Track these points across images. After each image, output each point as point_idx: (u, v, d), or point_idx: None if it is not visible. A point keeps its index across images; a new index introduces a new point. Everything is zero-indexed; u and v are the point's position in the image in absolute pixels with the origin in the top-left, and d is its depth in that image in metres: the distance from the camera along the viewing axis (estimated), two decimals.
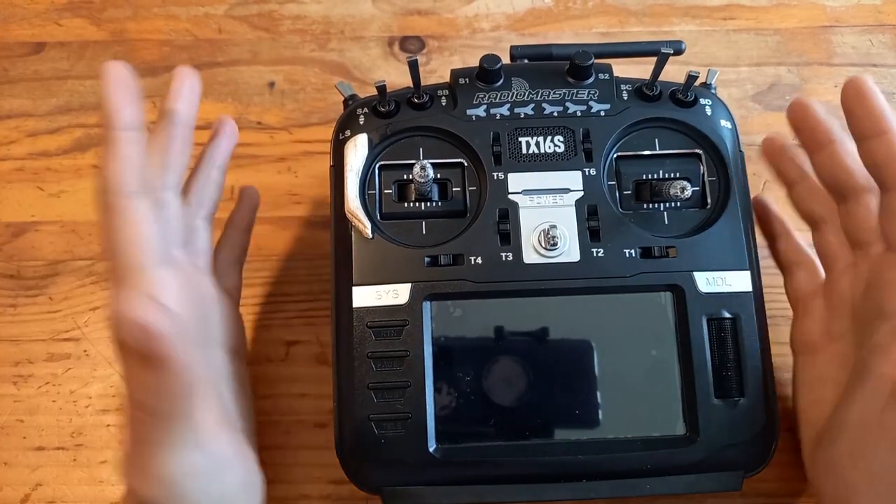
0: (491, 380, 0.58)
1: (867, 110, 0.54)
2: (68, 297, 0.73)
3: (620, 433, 0.58)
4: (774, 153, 0.65)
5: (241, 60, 0.82)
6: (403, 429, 0.57)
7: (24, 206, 0.76)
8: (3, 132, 0.79)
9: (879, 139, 0.53)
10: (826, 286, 0.61)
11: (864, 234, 0.57)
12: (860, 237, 0.57)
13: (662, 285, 0.59)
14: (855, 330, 0.57)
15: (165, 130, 0.56)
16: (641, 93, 0.64)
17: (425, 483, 0.57)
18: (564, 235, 0.59)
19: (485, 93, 0.63)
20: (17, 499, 0.66)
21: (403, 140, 0.63)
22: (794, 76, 0.81)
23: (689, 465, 0.57)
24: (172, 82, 0.58)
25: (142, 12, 0.84)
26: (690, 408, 0.57)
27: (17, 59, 0.82)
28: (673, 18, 0.85)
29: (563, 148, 0.62)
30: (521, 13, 0.85)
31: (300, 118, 0.79)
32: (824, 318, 0.60)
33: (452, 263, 0.59)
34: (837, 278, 0.60)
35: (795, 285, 0.64)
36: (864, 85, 0.54)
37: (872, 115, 0.54)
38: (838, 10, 0.85)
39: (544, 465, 0.57)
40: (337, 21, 0.84)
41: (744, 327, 0.59)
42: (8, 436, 0.68)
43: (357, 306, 0.59)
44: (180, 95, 0.57)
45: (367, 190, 0.62)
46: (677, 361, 0.58)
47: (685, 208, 0.62)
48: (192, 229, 0.60)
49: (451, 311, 0.59)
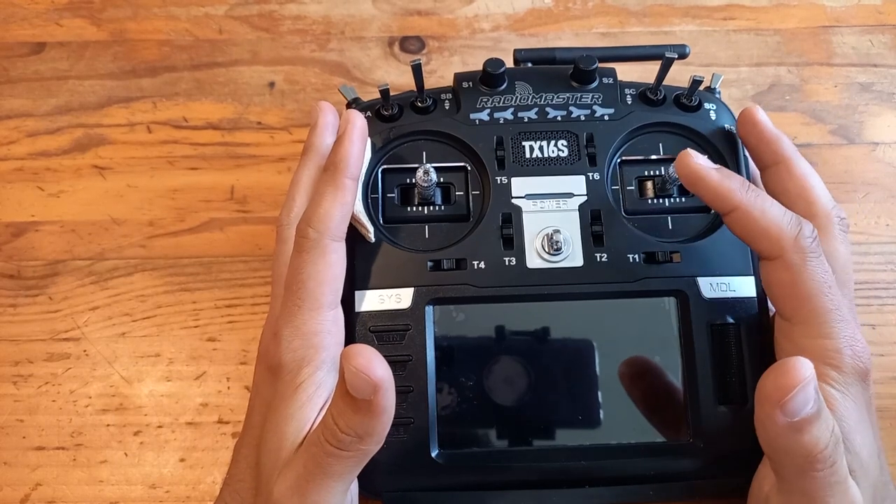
0: (494, 385, 0.58)
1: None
2: (68, 296, 0.72)
3: (623, 439, 0.58)
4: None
5: (241, 60, 0.82)
6: (406, 434, 0.57)
7: (24, 206, 0.75)
8: (3, 132, 0.78)
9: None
10: None
11: None
12: None
13: (666, 290, 0.59)
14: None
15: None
16: (645, 97, 0.64)
17: (428, 488, 0.57)
18: (568, 240, 0.59)
19: (488, 97, 0.63)
20: (16, 499, 0.66)
21: (406, 144, 0.63)
22: (794, 76, 0.81)
23: (693, 470, 0.57)
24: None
25: (142, 12, 0.84)
26: (694, 414, 0.57)
27: (17, 59, 0.82)
28: (673, 18, 0.84)
29: (566, 152, 0.62)
30: (521, 13, 0.84)
31: (300, 118, 0.79)
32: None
33: (455, 268, 0.59)
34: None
35: None
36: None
37: None
38: (838, 10, 0.85)
39: (547, 470, 0.57)
40: (337, 21, 0.84)
41: (747, 333, 0.58)
42: (8, 436, 0.68)
43: (360, 310, 0.59)
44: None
45: (370, 194, 0.62)
46: (681, 367, 0.58)
47: (689, 213, 0.62)
48: None
49: (453, 315, 0.59)
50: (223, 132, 0.78)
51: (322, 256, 0.53)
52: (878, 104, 0.80)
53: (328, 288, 0.54)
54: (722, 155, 0.62)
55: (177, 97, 0.80)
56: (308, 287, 0.53)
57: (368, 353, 0.44)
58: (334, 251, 0.54)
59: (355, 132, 0.56)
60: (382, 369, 0.44)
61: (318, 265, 0.53)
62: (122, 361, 0.70)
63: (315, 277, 0.53)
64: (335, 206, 0.54)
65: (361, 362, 0.43)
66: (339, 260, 0.54)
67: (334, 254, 0.54)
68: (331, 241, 0.54)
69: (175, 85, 0.80)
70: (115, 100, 0.80)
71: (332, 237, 0.54)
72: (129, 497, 0.66)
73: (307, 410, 0.51)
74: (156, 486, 0.65)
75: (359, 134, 0.56)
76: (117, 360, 0.70)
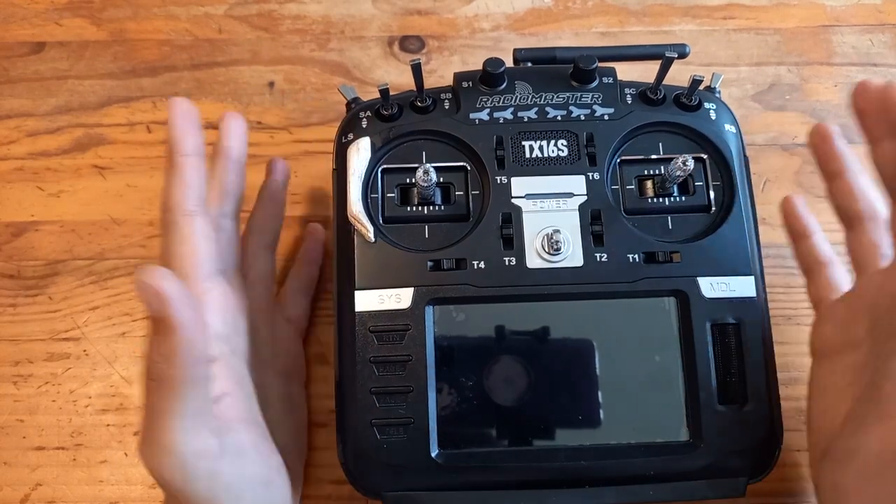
0: (493, 385, 0.58)
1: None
2: (68, 296, 0.73)
3: (623, 439, 0.58)
4: (820, 142, 0.61)
5: (241, 60, 0.82)
6: (406, 434, 0.57)
7: (24, 206, 0.75)
8: (3, 132, 0.78)
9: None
10: (852, 290, 0.58)
11: (871, 259, 0.57)
12: (865, 262, 0.57)
13: (666, 290, 0.59)
14: (872, 341, 0.53)
15: (222, 164, 0.63)
16: (645, 96, 0.63)
17: (427, 488, 0.57)
18: (568, 240, 0.59)
19: (488, 96, 0.63)
20: (16, 499, 0.66)
21: (406, 144, 0.63)
22: (794, 76, 0.81)
23: (693, 471, 0.57)
24: (223, 123, 0.64)
25: (142, 12, 0.84)
26: (694, 414, 0.57)
27: (17, 59, 0.82)
28: (673, 18, 0.84)
29: (566, 152, 0.62)
30: (521, 13, 0.84)
31: (300, 118, 0.79)
32: (845, 323, 0.57)
33: (455, 268, 0.59)
34: (865, 283, 0.57)
35: (820, 285, 0.63)
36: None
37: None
38: (838, 10, 0.85)
39: (547, 470, 0.57)
40: (337, 21, 0.84)
41: (748, 333, 0.58)
42: (8, 436, 0.68)
43: (359, 310, 0.59)
44: (232, 133, 0.64)
45: (370, 193, 0.62)
46: (681, 367, 0.58)
47: (689, 213, 0.62)
48: (253, 256, 0.66)
49: (453, 315, 0.59)
50: None
51: (174, 233, 0.55)
52: None
53: (188, 261, 0.54)
54: (722, 155, 0.62)
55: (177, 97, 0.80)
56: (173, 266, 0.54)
57: (159, 270, 0.44)
58: (186, 225, 0.55)
59: (177, 115, 0.57)
60: (170, 282, 0.44)
61: (174, 243, 0.54)
62: (122, 361, 0.70)
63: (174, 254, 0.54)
64: (174, 184, 0.55)
65: (148, 277, 0.44)
66: (191, 233, 0.55)
67: (187, 228, 0.55)
68: (181, 217, 0.55)
69: (175, 85, 0.80)
70: (115, 99, 0.80)
71: (182, 213, 0.55)
72: (129, 497, 0.66)
73: None
74: (156, 486, 0.65)
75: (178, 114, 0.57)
76: (117, 360, 0.70)
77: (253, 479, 0.52)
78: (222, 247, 0.60)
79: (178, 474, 0.48)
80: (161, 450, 0.47)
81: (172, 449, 0.47)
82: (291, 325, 0.68)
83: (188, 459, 0.48)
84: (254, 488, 0.52)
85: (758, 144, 0.78)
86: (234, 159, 0.63)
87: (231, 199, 0.63)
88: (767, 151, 0.77)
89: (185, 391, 0.47)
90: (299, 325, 0.69)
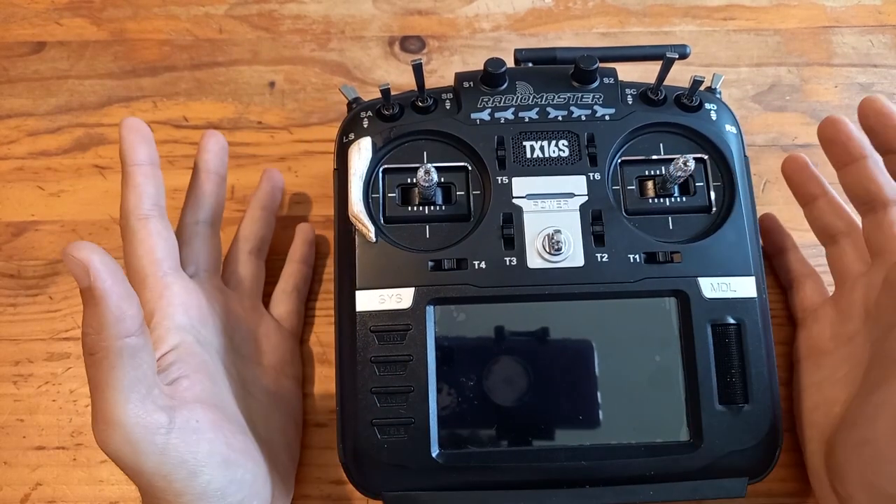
0: (494, 385, 0.58)
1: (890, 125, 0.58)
2: (68, 296, 0.73)
3: (624, 439, 0.58)
4: (796, 171, 0.67)
5: (242, 60, 0.82)
6: (406, 434, 0.57)
7: (24, 206, 0.76)
8: (3, 132, 0.78)
9: None
10: (836, 295, 0.64)
11: (890, 242, 0.59)
12: (885, 245, 0.59)
13: (667, 291, 0.59)
14: (869, 330, 0.58)
15: (196, 176, 0.67)
16: (646, 97, 0.63)
17: (428, 488, 0.57)
18: (569, 240, 0.59)
19: (489, 96, 0.63)
20: (17, 498, 0.66)
21: (407, 144, 0.63)
22: (794, 76, 0.81)
23: (693, 471, 0.57)
24: (201, 141, 0.68)
25: (142, 12, 0.84)
26: (694, 414, 0.57)
27: (17, 58, 0.82)
28: (673, 18, 0.84)
29: (567, 152, 0.62)
30: (521, 13, 0.85)
31: (300, 118, 0.79)
32: (834, 323, 0.63)
33: (456, 268, 0.59)
34: (851, 287, 0.62)
35: (805, 295, 0.67)
36: (881, 103, 0.58)
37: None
38: (838, 11, 0.85)
39: (547, 470, 0.57)
40: (337, 21, 0.84)
41: (748, 333, 0.58)
42: (8, 435, 0.68)
43: (360, 310, 0.59)
44: (208, 149, 0.68)
45: (371, 193, 0.62)
46: (681, 367, 0.58)
47: (689, 213, 0.62)
48: (236, 261, 0.69)
49: (454, 315, 0.59)
50: (223, 132, 0.77)
51: (132, 236, 0.59)
52: None
53: (146, 260, 0.58)
54: (723, 155, 0.62)
55: (177, 97, 0.80)
56: (134, 266, 0.58)
57: (85, 243, 0.45)
58: (142, 228, 0.59)
59: (127, 130, 0.61)
60: (95, 254, 0.45)
61: (132, 245, 0.59)
62: None
63: (133, 254, 0.59)
64: (127, 191, 0.59)
65: (74, 249, 0.45)
66: (147, 234, 0.59)
67: (142, 230, 0.58)
68: (136, 221, 0.59)
69: (175, 84, 0.80)
70: (116, 99, 0.80)
71: (137, 217, 0.59)
72: (129, 497, 0.66)
73: None
74: None
75: (127, 130, 0.61)
76: None
77: (209, 458, 0.52)
78: (195, 249, 0.65)
79: (126, 448, 0.48)
80: (106, 424, 0.48)
81: (116, 421, 0.47)
82: (281, 324, 0.69)
83: (134, 432, 0.48)
84: (210, 467, 0.52)
85: (758, 145, 0.78)
86: (207, 171, 0.67)
87: (205, 207, 0.66)
88: (767, 152, 0.78)
89: (120, 362, 0.47)
90: (288, 322, 0.70)
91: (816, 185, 0.66)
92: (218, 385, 0.57)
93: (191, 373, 0.55)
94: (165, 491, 0.50)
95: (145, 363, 0.48)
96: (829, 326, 0.63)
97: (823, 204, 0.66)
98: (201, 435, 0.52)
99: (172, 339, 0.57)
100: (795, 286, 0.68)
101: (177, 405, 0.51)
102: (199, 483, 0.51)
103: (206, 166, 0.67)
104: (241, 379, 0.62)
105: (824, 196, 0.66)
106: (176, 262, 0.60)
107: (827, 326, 0.64)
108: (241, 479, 0.54)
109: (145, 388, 0.49)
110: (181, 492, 0.51)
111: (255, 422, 0.60)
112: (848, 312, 0.62)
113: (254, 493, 0.56)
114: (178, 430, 0.50)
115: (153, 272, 0.58)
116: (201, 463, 0.51)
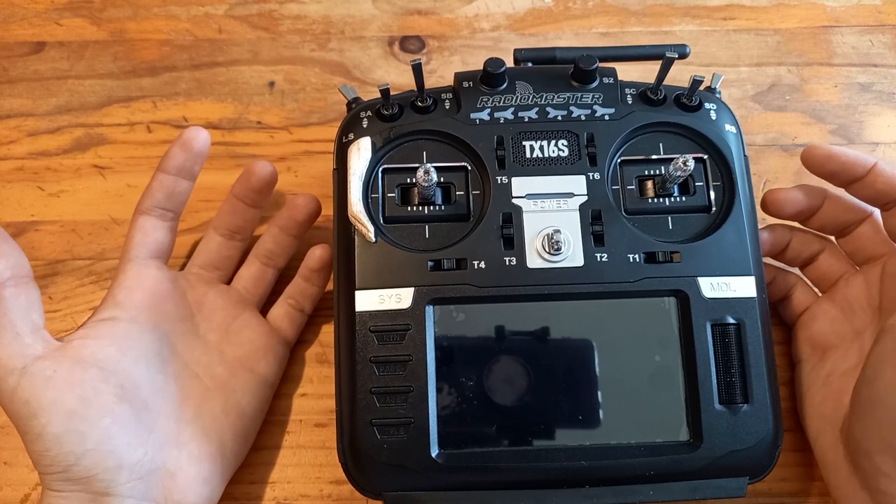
0: (494, 385, 0.58)
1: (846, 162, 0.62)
2: (68, 296, 0.73)
3: (624, 439, 0.58)
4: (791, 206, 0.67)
5: (241, 60, 0.82)
6: (406, 434, 0.57)
7: (24, 206, 0.75)
8: (3, 132, 0.78)
9: None
10: (832, 294, 0.66)
11: None
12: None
13: (666, 290, 0.59)
14: (879, 320, 0.61)
15: None
16: (646, 97, 0.63)
17: (427, 488, 0.57)
18: (568, 240, 0.59)
19: (489, 96, 0.63)
20: (17, 499, 0.66)
21: (407, 144, 0.63)
22: (794, 76, 0.81)
23: (693, 471, 0.57)
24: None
25: (142, 12, 0.84)
26: (694, 414, 0.57)
27: (17, 58, 0.82)
28: (673, 18, 0.84)
29: (567, 152, 0.62)
30: (521, 13, 0.85)
31: (300, 118, 0.79)
32: (836, 319, 0.65)
33: (456, 268, 0.59)
34: (844, 284, 0.65)
35: (797, 301, 0.68)
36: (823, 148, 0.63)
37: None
38: (838, 10, 0.85)
39: (547, 470, 0.57)
40: (337, 21, 0.84)
41: (748, 333, 0.58)
42: (8, 436, 0.68)
43: (360, 310, 0.59)
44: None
45: (371, 193, 0.62)
46: (681, 367, 0.58)
47: (689, 213, 0.62)
48: (242, 262, 0.72)
49: (454, 315, 0.59)
50: (223, 132, 0.78)
51: (128, 228, 0.65)
52: (878, 104, 0.80)
53: (127, 245, 0.64)
54: (723, 155, 0.62)
55: (177, 97, 0.80)
56: (124, 248, 0.64)
57: None
58: (134, 221, 0.65)
59: (178, 139, 0.65)
60: None
61: (132, 230, 0.65)
62: None
63: (126, 239, 0.65)
64: (144, 191, 0.65)
65: None
66: (133, 228, 0.65)
67: (133, 224, 0.65)
68: (134, 215, 0.65)
69: (175, 84, 0.80)
70: (115, 99, 0.80)
71: (136, 212, 0.65)
72: None
73: None
74: None
75: (181, 139, 0.65)
76: None
77: (52, 405, 0.55)
78: (199, 248, 0.71)
79: (15, 389, 0.55)
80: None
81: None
82: (272, 325, 0.70)
83: (21, 379, 0.55)
84: (50, 413, 0.55)
85: (758, 145, 0.78)
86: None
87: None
88: (767, 152, 0.78)
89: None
90: (279, 325, 0.70)
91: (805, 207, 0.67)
92: (126, 355, 0.60)
93: (95, 338, 0.60)
94: (16, 427, 0.56)
95: (13, 313, 0.56)
96: (831, 323, 0.64)
97: (800, 236, 0.68)
98: (51, 384, 0.56)
99: (106, 313, 0.61)
100: (785, 299, 0.69)
101: (44, 356, 0.57)
102: (36, 424, 0.55)
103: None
104: (186, 360, 0.65)
105: (797, 232, 0.68)
106: (152, 253, 0.65)
107: (828, 323, 0.65)
108: (85, 432, 0.56)
109: (11, 335, 0.56)
110: (24, 430, 0.56)
111: (185, 399, 0.63)
112: (851, 306, 0.64)
113: (107, 452, 0.57)
114: (29, 374, 0.56)
115: (126, 258, 0.63)
116: (42, 407, 0.55)
